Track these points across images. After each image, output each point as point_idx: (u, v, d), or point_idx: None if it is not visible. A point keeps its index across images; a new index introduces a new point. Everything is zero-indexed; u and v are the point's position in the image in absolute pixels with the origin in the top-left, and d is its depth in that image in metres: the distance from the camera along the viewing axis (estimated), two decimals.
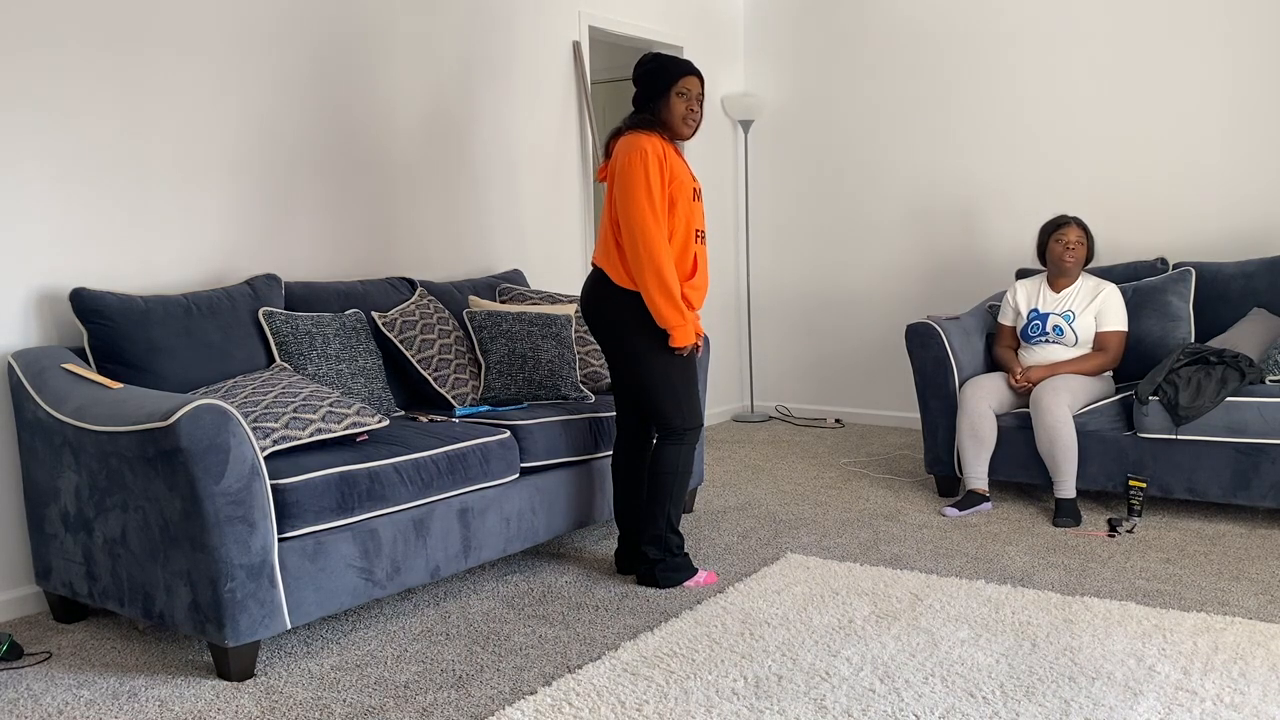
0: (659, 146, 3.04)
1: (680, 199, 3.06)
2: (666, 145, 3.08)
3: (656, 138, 3.06)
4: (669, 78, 3.09)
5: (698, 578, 3.24)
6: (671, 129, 3.11)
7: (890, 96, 5.73)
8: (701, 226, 3.16)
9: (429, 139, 4.32)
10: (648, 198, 2.98)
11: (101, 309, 3.02)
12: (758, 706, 2.37)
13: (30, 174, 3.10)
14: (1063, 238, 4.14)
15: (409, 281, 3.94)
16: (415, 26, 4.23)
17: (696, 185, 3.15)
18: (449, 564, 3.05)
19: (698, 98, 3.12)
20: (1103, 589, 3.14)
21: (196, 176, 3.51)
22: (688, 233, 3.09)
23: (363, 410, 2.98)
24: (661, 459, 3.16)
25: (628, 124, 3.13)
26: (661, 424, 3.16)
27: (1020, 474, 4.10)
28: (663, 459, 3.16)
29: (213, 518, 2.47)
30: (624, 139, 3.09)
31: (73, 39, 3.17)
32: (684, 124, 3.11)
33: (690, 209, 3.09)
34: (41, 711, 2.44)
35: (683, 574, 3.22)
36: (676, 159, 3.10)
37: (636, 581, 3.26)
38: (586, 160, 5.16)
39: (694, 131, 3.14)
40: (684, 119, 3.10)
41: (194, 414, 2.46)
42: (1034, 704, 2.36)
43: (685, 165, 3.15)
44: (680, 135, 3.12)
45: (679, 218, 3.06)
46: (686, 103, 3.10)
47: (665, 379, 3.12)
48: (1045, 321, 4.13)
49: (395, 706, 2.43)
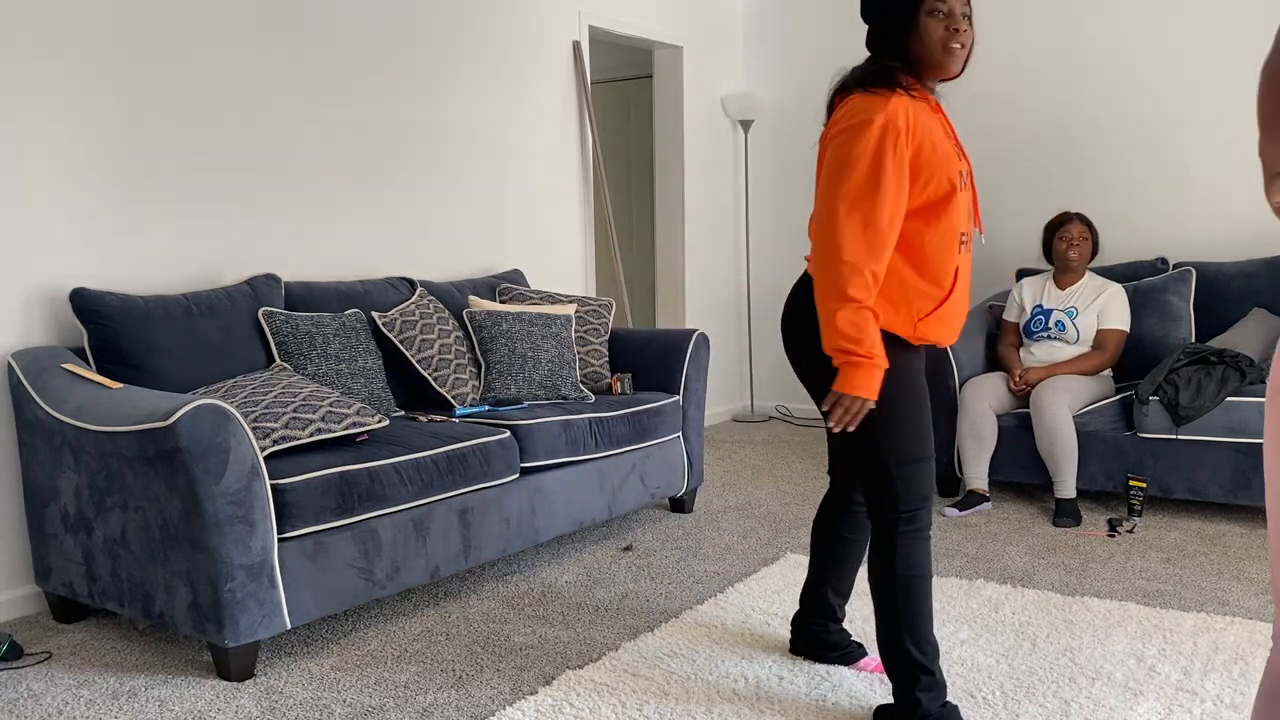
0: (902, 112, 2.05)
1: (936, 181, 2.09)
2: (917, 105, 2.09)
3: (900, 97, 2.07)
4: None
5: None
6: (928, 66, 2.12)
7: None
8: (967, 229, 2.17)
9: (429, 139, 4.32)
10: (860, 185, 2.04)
11: (101, 309, 3.02)
12: (758, 706, 2.37)
13: (30, 174, 3.10)
14: (1066, 234, 4.18)
15: (409, 281, 3.94)
16: (415, 26, 4.23)
17: (964, 165, 2.16)
18: (449, 564, 3.05)
19: (963, 13, 2.10)
20: (1103, 589, 3.13)
21: (197, 176, 3.51)
22: (949, 236, 2.12)
23: (363, 410, 2.98)
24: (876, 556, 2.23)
25: (855, 76, 2.15)
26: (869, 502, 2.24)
27: (1020, 474, 4.10)
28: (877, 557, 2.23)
29: (213, 518, 2.47)
30: (849, 102, 2.10)
31: (73, 39, 3.17)
32: (947, 53, 2.10)
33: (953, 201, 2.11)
34: (41, 711, 2.44)
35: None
36: (933, 125, 2.11)
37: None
38: (586, 160, 5.16)
39: (963, 61, 2.13)
40: (945, 46, 2.10)
41: (194, 414, 2.46)
42: (1034, 704, 2.36)
43: (949, 134, 2.16)
44: (947, 72, 2.13)
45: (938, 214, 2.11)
46: (946, 22, 2.09)
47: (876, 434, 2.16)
48: (1048, 317, 4.14)
49: (395, 706, 2.43)
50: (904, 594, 2.19)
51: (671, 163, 5.85)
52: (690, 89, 5.83)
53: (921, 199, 2.10)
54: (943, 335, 2.19)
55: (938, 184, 2.10)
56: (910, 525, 2.19)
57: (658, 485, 3.84)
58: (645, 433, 3.75)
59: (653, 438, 3.79)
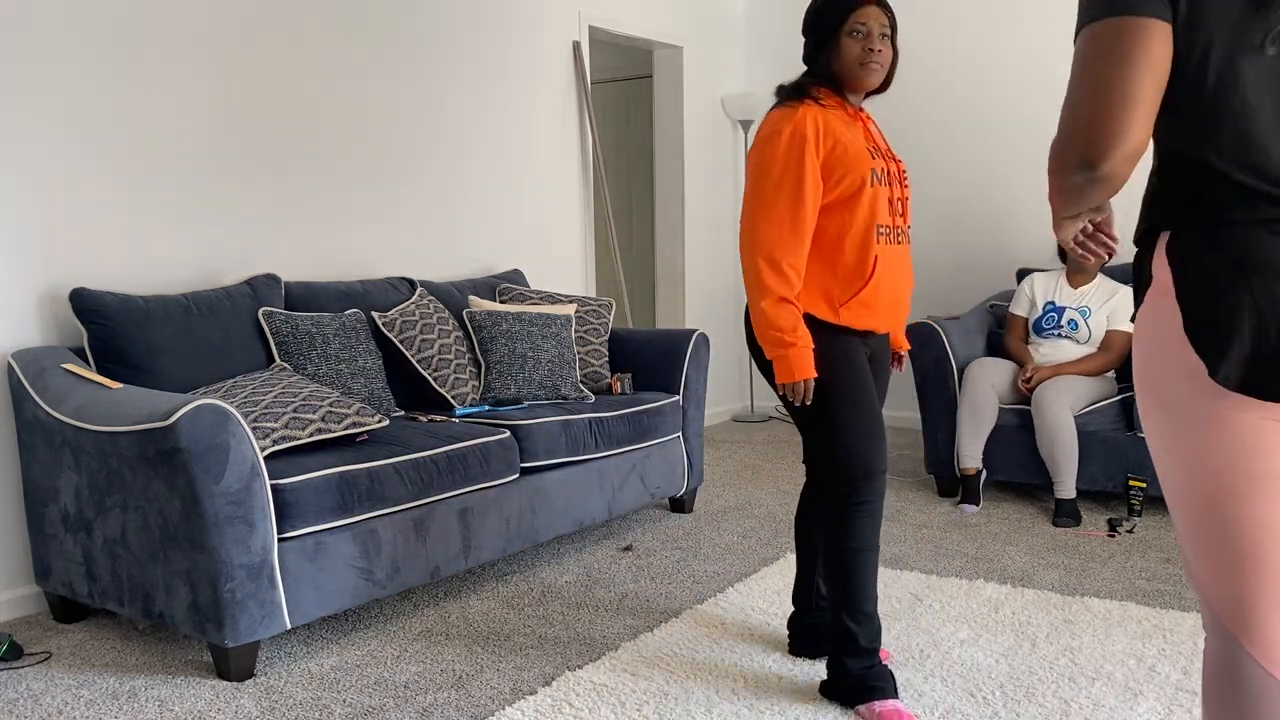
0: (810, 120, 2.30)
1: (848, 179, 2.32)
2: (828, 114, 2.33)
3: (810, 107, 2.32)
4: (835, 17, 2.35)
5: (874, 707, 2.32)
6: (848, 80, 2.36)
7: (888, 96, 5.72)
8: (888, 221, 2.38)
9: (429, 139, 4.32)
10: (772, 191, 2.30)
11: (101, 309, 3.02)
12: (758, 706, 2.37)
13: (30, 174, 3.10)
14: None
15: (409, 281, 3.94)
16: (415, 26, 4.23)
17: (880, 164, 2.37)
18: (449, 564, 3.05)
19: (880, 34, 2.33)
20: (1103, 589, 3.13)
21: (197, 176, 3.51)
22: (864, 228, 2.33)
23: (363, 410, 2.98)
24: (823, 527, 2.41)
25: (776, 92, 2.43)
26: (820, 476, 2.40)
27: (1020, 474, 4.10)
28: (824, 527, 2.41)
29: (212, 518, 2.47)
30: (767, 117, 2.38)
31: (72, 38, 3.17)
32: (864, 69, 2.33)
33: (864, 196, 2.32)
34: (41, 711, 2.44)
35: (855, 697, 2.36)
36: (845, 130, 2.34)
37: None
38: (586, 160, 5.16)
39: (881, 76, 2.36)
40: (861, 63, 2.33)
41: (194, 414, 2.46)
42: (1034, 704, 2.36)
43: (866, 136, 2.39)
44: (866, 86, 2.36)
45: (850, 208, 2.33)
46: (863, 42, 2.33)
47: (817, 412, 2.38)
48: (1061, 315, 4.14)
49: (395, 706, 2.43)
50: (843, 565, 2.35)
51: (671, 163, 5.85)
52: (690, 89, 5.83)
53: (835, 194, 2.33)
54: (873, 321, 2.39)
55: (850, 181, 2.32)
56: (853, 498, 2.34)
57: (658, 485, 3.84)
58: (645, 433, 3.75)
59: (653, 438, 3.79)
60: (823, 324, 2.36)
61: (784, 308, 2.30)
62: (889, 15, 2.37)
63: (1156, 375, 1.39)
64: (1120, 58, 1.26)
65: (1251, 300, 1.27)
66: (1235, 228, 1.31)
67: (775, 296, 2.29)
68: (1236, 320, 1.29)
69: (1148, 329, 1.41)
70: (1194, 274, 1.33)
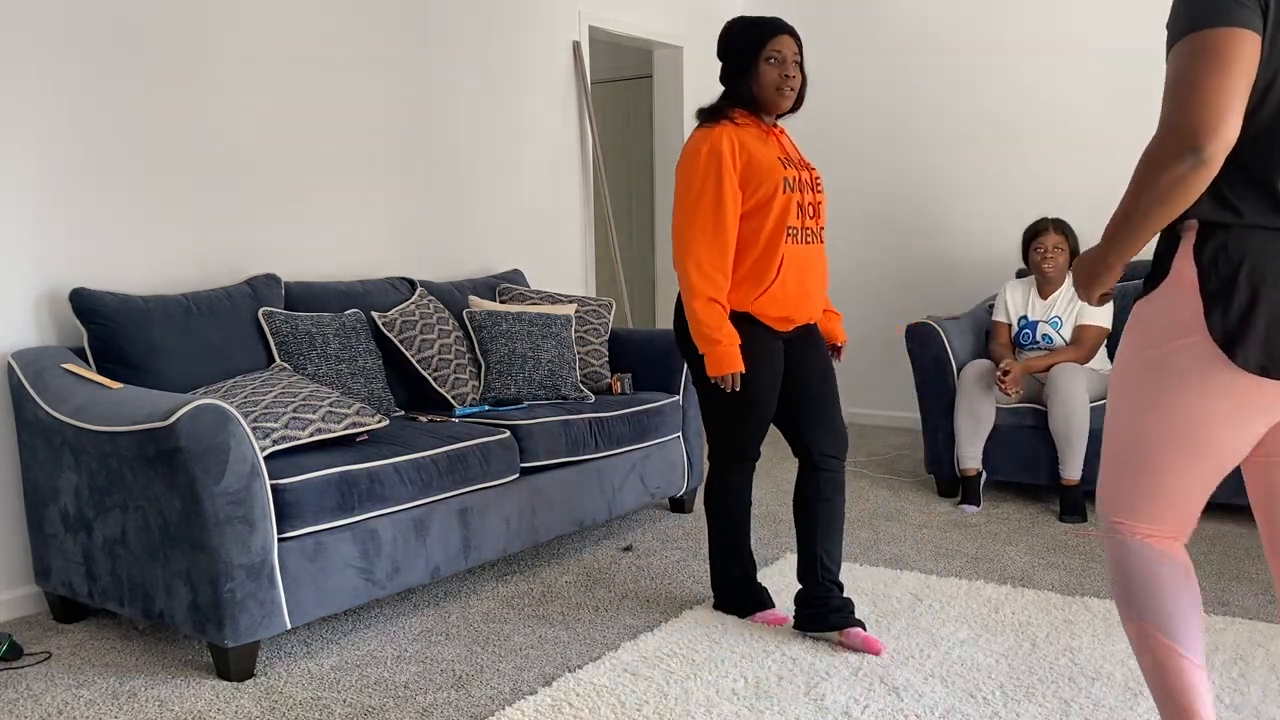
0: (725, 139, 2.60)
1: (763, 188, 2.61)
2: (742, 131, 2.64)
3: (725, 127, 2.62)
4: (754, 45, 2.62)
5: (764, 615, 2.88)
6: (764, 103, 2.66)
7: (887, 97, 5.73)
8: (798, 223, 2.67)
9: (429, 139, 4.32)
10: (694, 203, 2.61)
11: (101, 309, 3.02)
12: (758, 706, 2.37)
13: (30, 174, 3.10)
14: (1040, 246, 4.14)
15: (409, 281, 3.94)
16: (415, 26, 4.23)
17: (792, 173, 2.66)
18: (449, 564, 3.05)
19: (794, 60, 2.64)
20: (1103, 589, 3.13)
21: (197, 176, 3.51)
22: (774, 230, 2.62)
23: (363, 410, 2.98)
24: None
25: (698, 115, 2.72)
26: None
27: (1020, 474, 4.10)
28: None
29: (212, 518, 2.47)
30: (691, 137, 2.68)
31: (72, 38, 3.17)
32: (779, 94, 2.63)
33: (775, 201, 2.62)
34: (41, 711, 2.44)
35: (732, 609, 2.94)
36: (759, 146, 2.64)
37: None
38: (586, 160, 5.16)
39: (792, 99, 2.66)
40: (777, 88, 2.63)
41: (194, 414, 2.46)
42: (1034, 704, 2.36)
43: (778, 148, 2.69)
44: (780, 109, 2.67)
45: (763, 213, 2.62)
46: (779, 69, 2.62)
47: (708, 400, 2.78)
48: (1035, 330, 4.15)
49: (395, 706, 2.43)
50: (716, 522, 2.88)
51: (671, 163, 5.85)
52: (690, 89, 5.83)
53: (752, 202, 2.63)
54: (785, 310, 2.68)
55: (765, 190, 2.62)
56: (724, 476, 2.82)
57: (657, 485, 3.84)
58: (645, 433, 3.75)
59: (652, 438, 3.79)
60: (740, 316, 2.68)
61: (712, 308, 2.60)
62: (799, 43, 2.66)
63: (1157, 341, 1.61)
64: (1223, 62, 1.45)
65: (1269, 303, 1.51)
66: (1261, 233, 1.53)
67: (705, 297, 2.60)
68: (1253, 315, 1.51)
69: (1155, 312, 1.62)
70: (1221, 270, 1.53)
